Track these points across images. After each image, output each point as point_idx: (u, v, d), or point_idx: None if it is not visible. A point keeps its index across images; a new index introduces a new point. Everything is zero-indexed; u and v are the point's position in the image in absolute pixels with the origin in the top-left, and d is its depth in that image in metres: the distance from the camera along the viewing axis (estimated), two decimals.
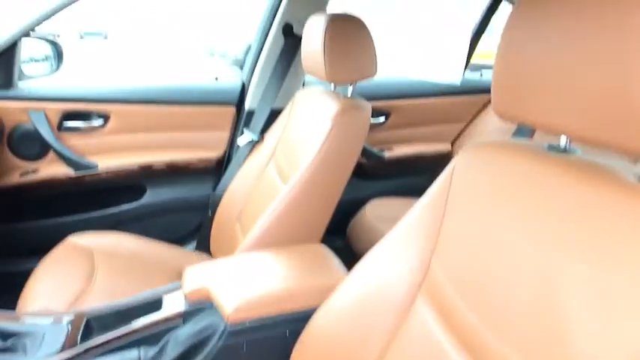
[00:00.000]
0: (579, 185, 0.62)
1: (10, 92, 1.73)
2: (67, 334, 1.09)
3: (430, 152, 2.35)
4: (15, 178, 1.78)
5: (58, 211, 1.89)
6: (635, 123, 0.54)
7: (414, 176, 2.40)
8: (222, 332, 1.01)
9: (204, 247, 1.91)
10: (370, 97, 2.15)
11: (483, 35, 2.31)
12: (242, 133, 1.93)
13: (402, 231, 0.90)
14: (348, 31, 1.43)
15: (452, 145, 2.41)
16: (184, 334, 1.07)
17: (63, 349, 1.04)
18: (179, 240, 2.09)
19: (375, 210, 2.11)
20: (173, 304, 1.14)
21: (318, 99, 1.54)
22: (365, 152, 2.17)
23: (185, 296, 1.12)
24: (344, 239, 2.14)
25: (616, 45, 0.55)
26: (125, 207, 1.99)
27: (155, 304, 1.16)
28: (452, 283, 0.76)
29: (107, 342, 1.07)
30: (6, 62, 1.68)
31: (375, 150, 2.22)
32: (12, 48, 1.66)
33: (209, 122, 2.03)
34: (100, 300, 1.38)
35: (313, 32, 1.47)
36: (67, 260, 1.53)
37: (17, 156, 1.80)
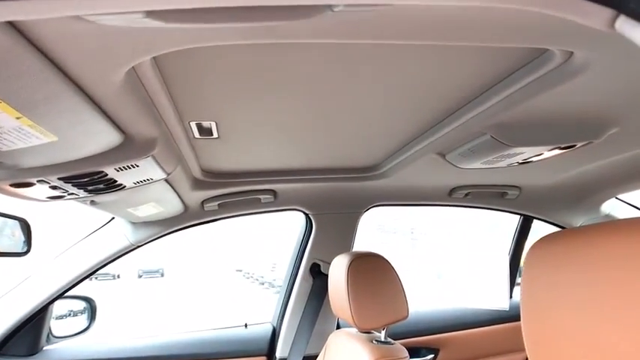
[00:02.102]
0: None
1: (33, 359, 1.65)
2: None
3: None
4: None
5: None
6: None
7: None
8: None
9: None
10: (414, 333, 1.99)
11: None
12: None
13: None
14: (371, 273, 1.36)
15: None
16: None
17: None
18: None
19: None
20: None
21: (351, 345, 1.39)
22: None
23: None
24: None
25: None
26: None
27: None
28: None
29: None
30: (34, 328, 1.65)
31: None
32: (42, 311, 1.65)
33: None
34: None
35: (336, 273, 1.41)
36: None
37: None
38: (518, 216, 2.24)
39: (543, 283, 0.64)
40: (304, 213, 1.93)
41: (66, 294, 1.69)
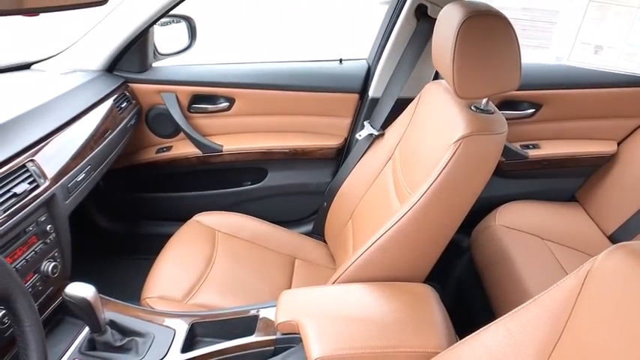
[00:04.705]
0: None
1: (145, 75, 1.82)
2: (173, 338, 1.17)
3: (587, 153, 1.93)
4: (152, 154, 1.93)
5: (187, 186, 2.03)
6: None
7: (562, 178, 2.02)
8: None
9: (319, 232, 1.90)
10: (520, 86, 1.84)
11: None
12: (363, 125, 1.78)
13: (517, 326, 0.74)
14: (486, 35, 1.13)
15: (618, 146, 1.94)
16: None
17: (167, 353, 1.12)
18: (295, 222, 2.11)
19: (505, 217, 1.85)
20: (266, 329, 1.17)
21: (447, 104, 1.31)
22: (504, 150, 1.87)
23: (276, 326, 1.11)
24: (470, 239, 1.94)
25: None
26: (247, 187, 2.05)
27: (251, 322, 1.20)
28: None
29: (205, 355, 1.12)
30: (140, 47, 1.76)
31: (516, 148, 1.90)
32: (145, 32, 1.71)
33: (331, 109, 1.92)
34: (214, 290, 1.47)
35: (445, 27, 1.19)
36: (191, 242, 1.63)
37: (154, 133, 1.93)
38: None
39: None
40: None
41: (167, 14, 1.69)
